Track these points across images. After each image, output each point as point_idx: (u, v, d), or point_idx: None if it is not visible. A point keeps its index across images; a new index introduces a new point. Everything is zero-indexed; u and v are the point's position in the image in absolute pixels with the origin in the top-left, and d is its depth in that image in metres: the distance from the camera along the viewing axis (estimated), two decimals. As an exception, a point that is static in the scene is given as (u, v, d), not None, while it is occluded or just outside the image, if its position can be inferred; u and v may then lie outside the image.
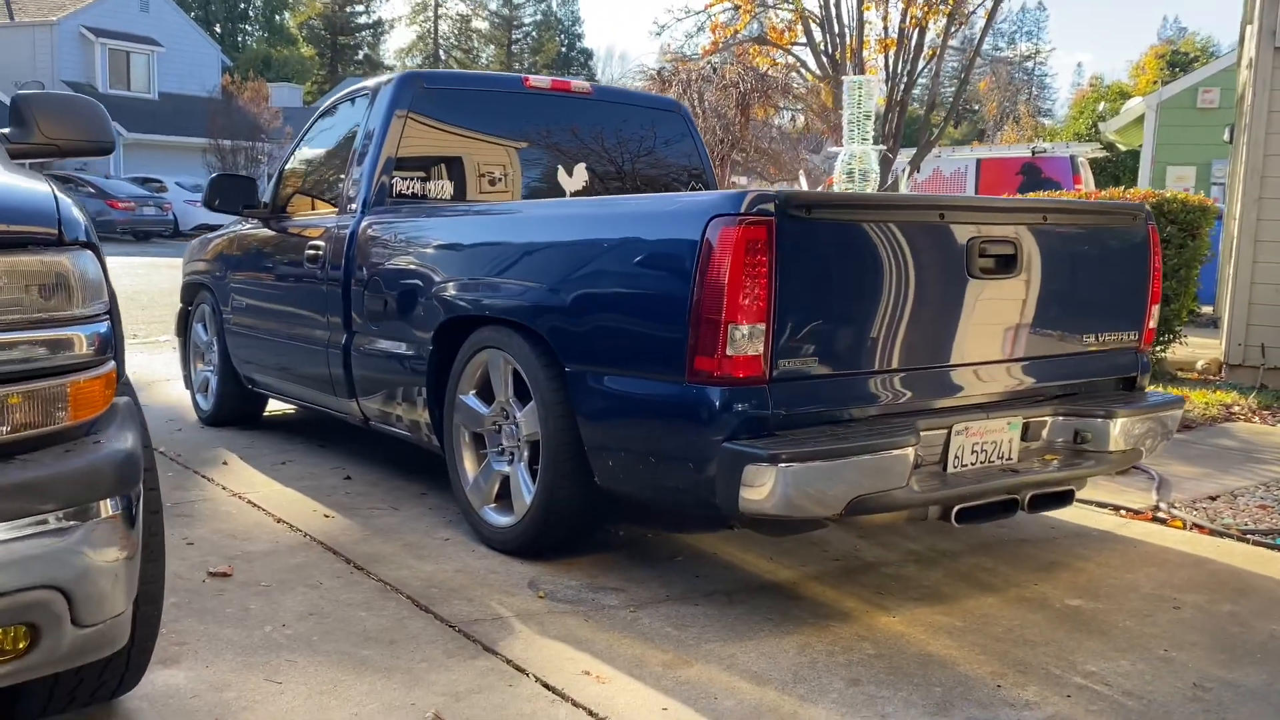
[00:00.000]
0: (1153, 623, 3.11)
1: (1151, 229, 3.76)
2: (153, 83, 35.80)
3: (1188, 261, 8.00)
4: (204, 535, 3.81)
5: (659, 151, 5.31)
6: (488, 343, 3.64)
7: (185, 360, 6.35)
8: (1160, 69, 32.45)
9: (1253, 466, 5.26)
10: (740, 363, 2.82)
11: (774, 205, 2.81)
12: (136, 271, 16.87)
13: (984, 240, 3.20)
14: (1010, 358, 3.40)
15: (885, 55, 14.62)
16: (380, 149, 4.49)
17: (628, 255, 3.14)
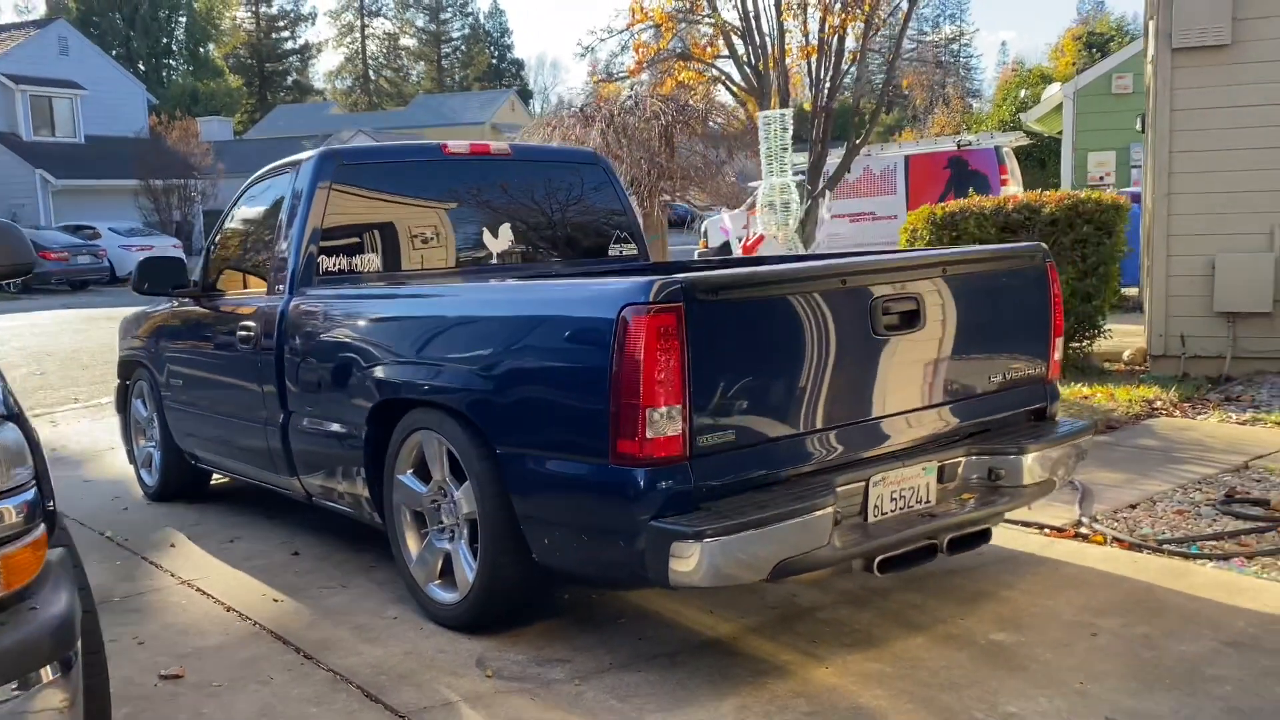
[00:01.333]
0: (1070, 653, 3.28)
1: (1049, 266, 3.94)
2: (78, 126, 35.29)
3: (1105, 259, 8.28)
4: (154, 632, 3.86)
5: (582, 203, 5.42)
6: (421, 424, 3.74)
7: (127, 435, 6.36)
8: (1078, 51, 33.17)
9: (1171, 468, 5.48)
10: (660, 443, 2.94)
11: (682, 291, 2.94)
12: (76, 327, 16.66)
13: (886, 300, 3.35)
14: (922, 405, 3.55)
15: (808, 61, 14.85)
16: (304, 227, 4.56)
17: (548, 342, 3.25)
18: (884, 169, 18.43)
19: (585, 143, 8.50)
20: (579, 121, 8.72)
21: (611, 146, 8.46)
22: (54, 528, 2.15)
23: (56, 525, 2.21)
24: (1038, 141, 22.93)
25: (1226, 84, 7.86)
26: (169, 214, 31.12)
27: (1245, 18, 7.77)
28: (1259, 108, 7.78)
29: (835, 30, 14.75)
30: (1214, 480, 5.21)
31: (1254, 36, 7.77)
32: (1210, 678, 3.06)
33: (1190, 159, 8.03)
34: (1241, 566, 4.08)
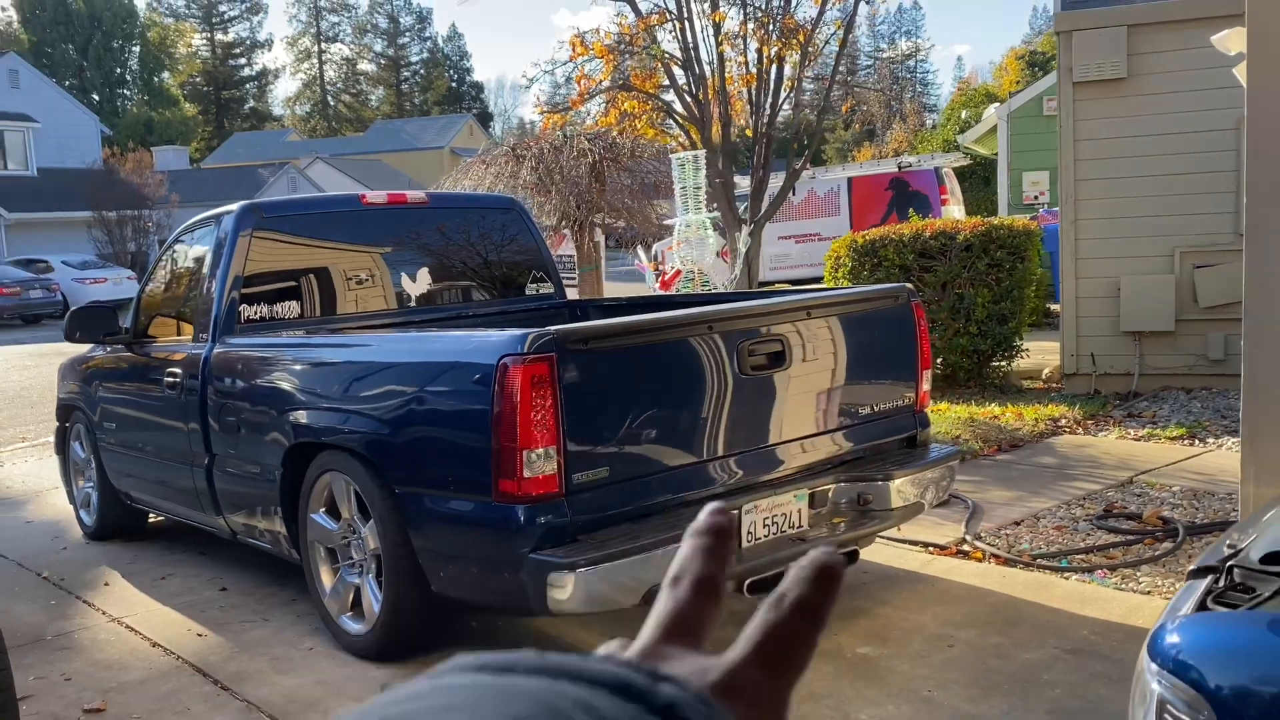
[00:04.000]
0: (926, 663, 3.57)
1: (915, 306, 4.26)
2: (30, 159, 35.16)
3: (1019, 282, 8.65)
4: (81, 669, 4.07)
5: (499, 246, 5.69)
6: (330, 466, 3.99)
7: (66, 476, 6.54)
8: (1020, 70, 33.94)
9: (1061, 485, 5.82)
10: (538, 482, 3.22)
11: (554, 342, 3.22)
12: (25, 364, 16.69)
13: (752, 343, 3.65)
14: (793, 438, 3.85)
15: (748, 89, 15.26)
16: (226, 276, 4.80)
17: (436, 389, 3.52)
18: (828, 191, 18.88)
19: (517, 179, 8.79)
20: (510, 160, 9.00)
21: (543, 183, 8.75)
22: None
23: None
24: (978, 162, 23.50)
25: (1124, 115, 8.29)
26: (123, 245, 31.05)
27: (1140, 52, 8.21)
28: (1155, 137, 8.21)
29: (772, 60, 15.19)
30: (1098, 496, 5.55)
31: (1148, 70, 8.21)
32: (1044, 682, 3.36)
33: (1093, 185, 8.44)
34: (1103, 578, 4.40)
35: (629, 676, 0.35)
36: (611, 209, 8.92)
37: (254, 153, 53.63)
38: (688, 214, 6.68)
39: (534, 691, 0.34)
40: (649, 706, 0.34)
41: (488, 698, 0.33)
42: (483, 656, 0.36)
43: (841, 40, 16.67)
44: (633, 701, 0.34)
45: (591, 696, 0.34)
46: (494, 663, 0.36)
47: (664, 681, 0.36)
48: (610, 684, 0.35)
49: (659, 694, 0.35)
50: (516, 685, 0.34)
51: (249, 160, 49.52)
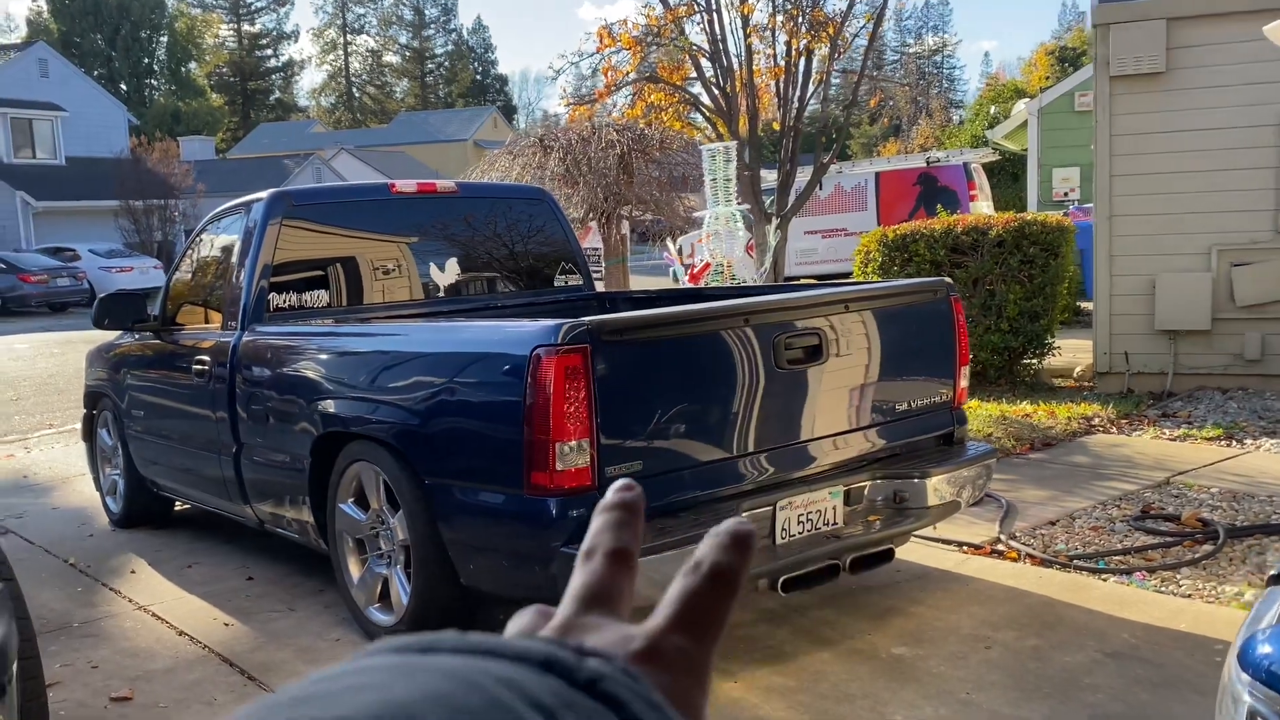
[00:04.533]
0: (963, 665, 3.50)
1: (954, 300, 4.18)
2: (58, 148, 35.39)
3: (1052, 279, 8.54)
4: (107, 656, 4.05)
5: (528, 237, 5.64)
6: (359, 456, 3.95)
7: (93, 463, 6.55)
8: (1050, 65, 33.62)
9: (1096, 484, 5.72)
10: (570, 475, 3.16)
11: (588, 332, 3.16)
12: (52, 351, 16.80)
13: (789, 336, 3.58)
14: (829, 433, 3.78)
15: (776, 82, 15.16)
16: (255, 264, 4.77)
17: (468, 380, 3.48)
18: (855, 185, 18.75)
19: (544, 170, 8.74)
20: (538, 151, 8.95)
21: (570, 174, 8.70)
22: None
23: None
24: (1009, 156, 23.28)
25: (1162, 110, 8.15)
26: (150, 235, 31.22)
27: (1179, 46, 8.07)
28: (1194, 132, 8.06)
29: (801, 53, 15.08)
30: (1134, 496, 5.45)
31: (1188, 64, 8.06)
32: (1085, 686, 3.28)
33: (1130, 182, 8.31)
34: (1142, 580, 4.31)
35: (552, 652, 0.36)
36: (639, 201, 8.85)
37: (279, 143, 53.88)
38: (717, 206, 6.60)
39: (454, 669, 0.34)
40: (573, 681, 0.35)
41: (404, 676, 0.33)
42: (406, 637, 0.37)
43: (871, 34, 16.54)
44: (557, 676, 0.35)
45: (514, 672, 0.34)
46: (416, 643, 0.36)
47: (588, 656, 0.36)
48: (534, 659, 0.35)
49: (583, 668, 0.35)
50: (437, 663, 0.34)
51: (274, 151, 49.75)
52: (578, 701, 0.34)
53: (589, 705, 0.34)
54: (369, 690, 0.32)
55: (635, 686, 0.35)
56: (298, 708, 0.32)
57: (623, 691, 0.35)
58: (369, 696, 0.32)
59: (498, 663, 0.35)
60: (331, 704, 0.32)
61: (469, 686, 0.33)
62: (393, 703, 0.32)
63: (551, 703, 0.33)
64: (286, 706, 0.32)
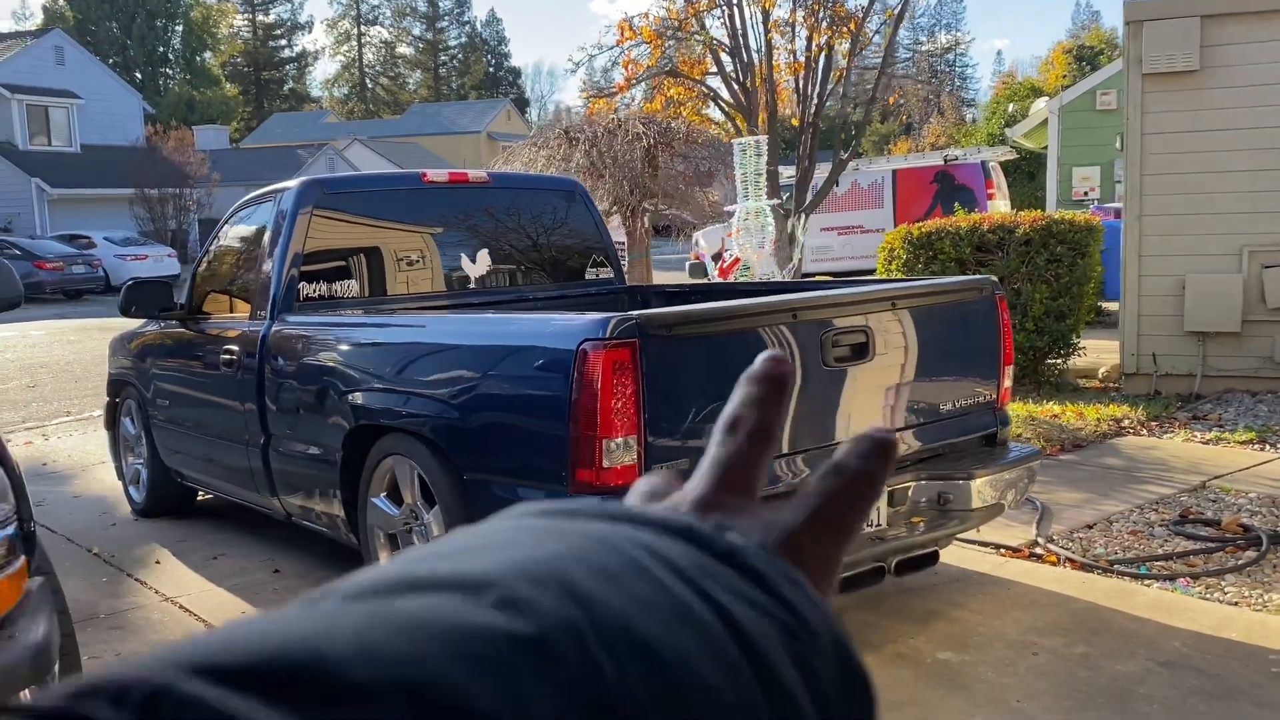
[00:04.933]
0: (1012, 672, 3.43)
1: (999, 298, 4.10)
2: (74, 135, 35.45)
3: (1079, 279, 8.44)
4: (136, 650, 4.00)
5: (559, 229, 5.58)
6: (393, 449, 3.89)
7: (115, 452, 6.51)
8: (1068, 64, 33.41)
9: (1131, 487, 5.64)
10: (617, 472, 3.09)
11: (637, 327, 3.09)
12: (69, 338, 16.79)
13: (836, 333, 3.51)
14: (873, 433, 3.70)
15: (795, 77, 15.06)
16: (286, 253, 4.71)
17: (511, 373, 3.41)
18: (872, 183, 18.65)
19: (570, 162, 8.67)
20: (564, 142, 8.88)
21: (596, 166, 8.62)
22: (34, 557, 2.29)
23: (36, 553, 2.35)
24: (1026, 155, 23.14)
25: (1195, 108, 8.04)
26: (164, 223, 31.26)
27: (1213, 44, 7.96)
28: (1227, 132, 7.96)
29: (821, 49, 14.98)
30: (1171, 500, 5.37)
31: (1222, 62, 7.96)
32: (1140, 697, 3.21)
33: (1161, 181, 8.20)
34: (1186, 586, 4.23)
35: (692, 522, 0.36)
36: (664, 194, 8.77)
37: (292, 133, 53.90)
38: (747, 201, 6.53)
39: (597, 532, 0.35)
40: (712, 551, 0.35)
41: (551, 535, 0.34)
42: (550, 503, 0.37)
43: (891, 30, 16.44)
44: (697, 546, 0.35)
45: (655, 540, 0.35)
46: (558, 508, 0.37)
47: (728, 529, 0.36)
48: (674, 528, 0.36)
49: (722, 540, 0.36)
50: (580, 527, 0.35)
51: (287, 141, 49.78)
52: (717, 571, 0.34)
53: (728, 574, 0.34)
54: (514, 548, 0.33)
55: (774, 561, 0.35)
56: (440, 561, 0.32)
57: (762, 563, 0.35)
58: (514, 553, 0.33)
59: (639, 529, 0.35)
60: (476, 558, 0.33)
61: (609, 549, 0.33)
62: (537, 559, 0.32)
63: (692, 570, 0.34)
64: (428, 559, 0.33)
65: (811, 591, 0.36)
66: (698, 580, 0.33)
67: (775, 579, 0.35)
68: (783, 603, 0.34)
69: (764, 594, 0.34)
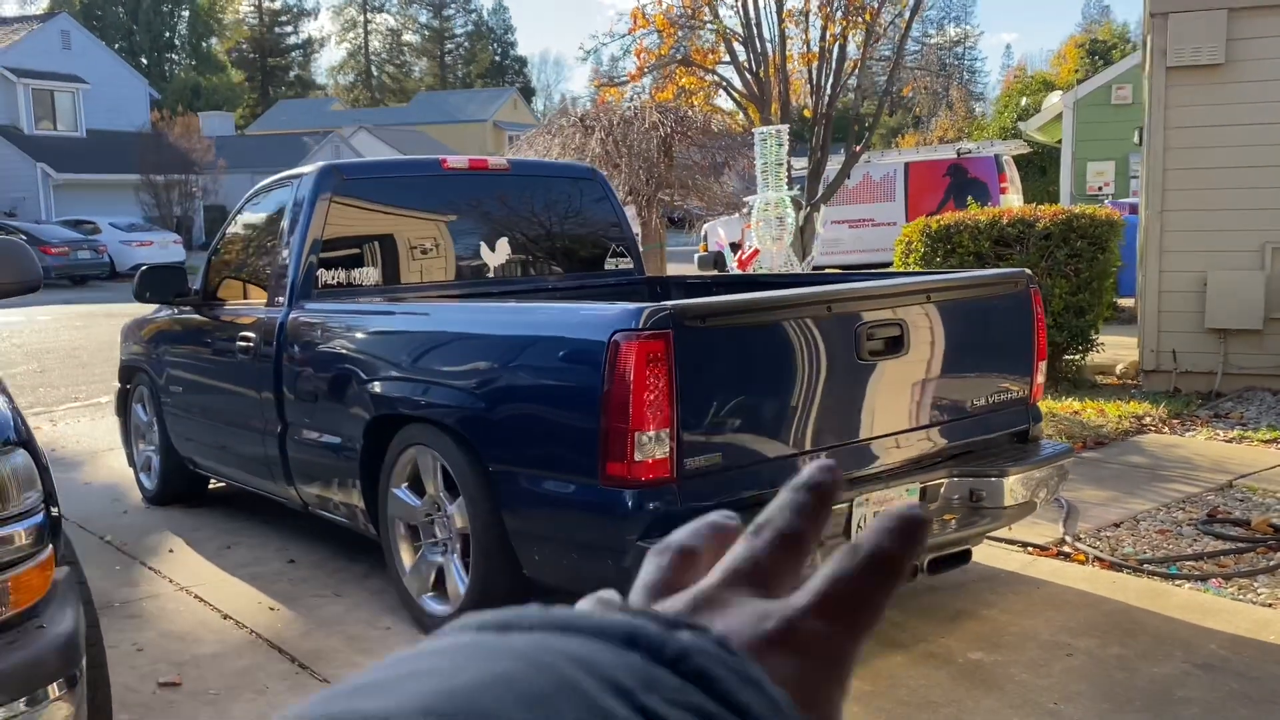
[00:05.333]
0: (1046, 673, 3.36)
1: (1033, 291, 4.02)
2: (79, 120, 35.36)
3: (1099, 274, 8.36)
4: (152, 639, 3.94)
5: (579, 217, 5.50)
6: (416, 439, 3.82)
7: (126, 439, 6.45)
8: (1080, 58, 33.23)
9: (1157, 486, 5.56)
10: (649, 466, 3.02)
11: (671, 317, 3.02)
12: (74, 324, 16.73)
13: (871, 326, 3.44)
14: (905, 428, 3.64)
15: (809, 68, 14.95)
16: (304, 239, 4.63)
17: (541, 364, 3.34)
18: (884, 175, 18.52)
19: (585, 152, 8.57)
20: (579, 130, 8.78)
21: (611, 155, 8.53)
22: (59, 546, 2.23)
23: (61, 542, 2.29)
24: (1038, 149, 23.00)
25: (1220, 103, 7.94)
26: (170, 209, 31.19)
27: (1239, 37, 7.86)
28: (1252, 126, 7.86)
29: (836, 39, 14.86)
30: (1198, 499, 5.29)
31: (1248, 56, 7.86)
32: (1179, 700, 3.14)
33: (1183, 176, 8.11)
34: (1218, 587, 4.16)
35: (637, 625, 0.33)
36: (680, 185, 8.68)
37: (298, 121, 53.77)
38: (767, 191, 6.44)
39: (526, 649, 0.32)
40: (657, 657, 0.32)
41: (475, 657, 0.31)
42: (486, 614, 0.34)
43: (906, 21, 16.32)
44: (642, 651, 0.32)
45: (590, 649, 0.32)
46: (495, 620, 0.34)
47: (681, 629, 0.33)
48: (616, 634, 0.32)
49: (670, 642, 0.32)
50: (511, 643, 0.32)
51: (293, 128, 49.64)
52: (661, 679, 0.31)
53: (673, 683, 0.31)
54: (433, 676, 0.30)
55: (730, 660, 0.32)
56: (355, 699, 0.30)
57: (714, 667, 0.32)
58: (430, 684, 0.30)
59: (576, 639, 0.32)
60: (389, 693, 0.30)
61: (539, 668, 0.31)
62: (452, 691, 0.29)
63: (630, 682, 0.30)
64: (345, 696, 0.30)
65: (773, 691, 0.32)
66: (635, 693, 0.30)
67: (727, 682, 0.31)
68: (733, 707, 0.31)
69: (712, 700, 0.31)
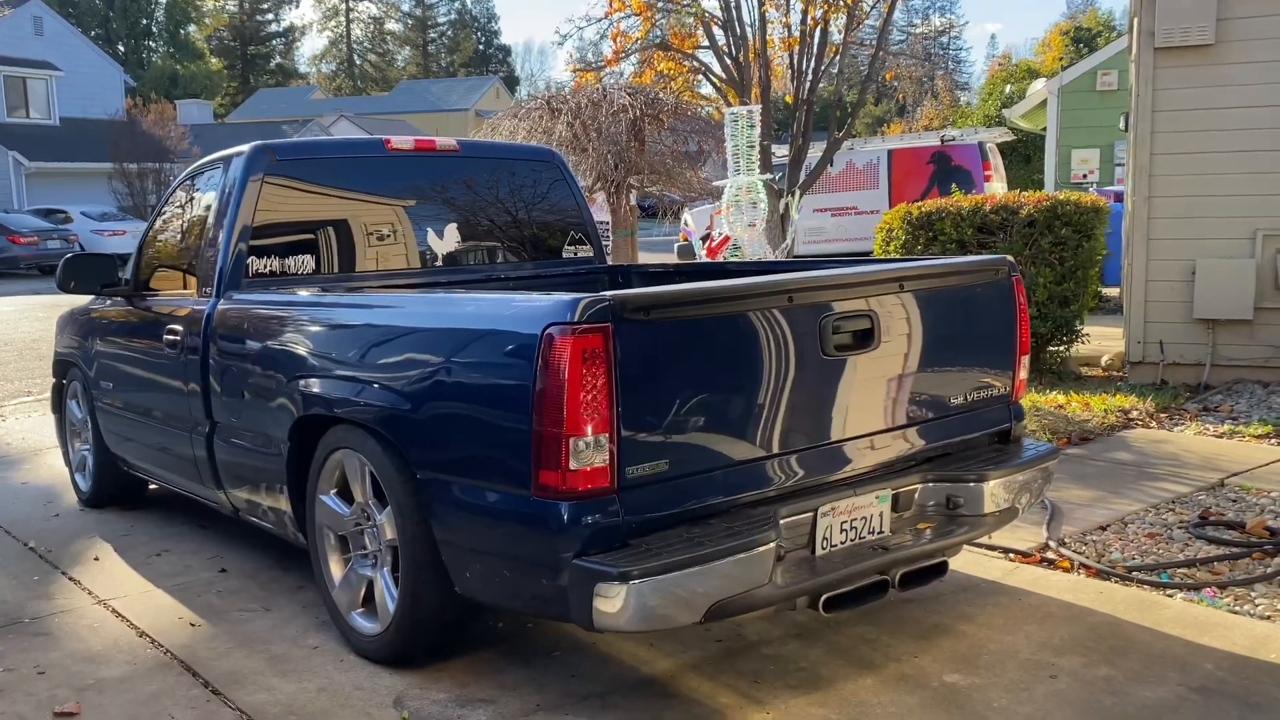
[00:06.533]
0: (1028, 698, 3.06)
1: (1015, 280, 3.72)
2: (52, 108, 34.75)
3: (1084, 263, 8.08)
4: (58, 660, 3.61)
5: (535, 202, 5.17)
6: (342, 442, 3.49)
7: (62, 437, 6.11)
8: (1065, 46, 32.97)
9: (1145, 485, 5.28)
10: (585, 475, 2.71)
11: (610, 309, 2.70)
12: (38, 314, 16.32)
13: (837, 317, 3.12)
14: (876, 430, 3.33)
15: (790, 53, 14.62)
16: (234, 226, 4.30)
17: (469, 361, 3.01)
18: (867, 163, 18.23)
19: (552, 134, 8.24)
20: (546, 113, 8.44)
21: (579, 139, 8.20)
22: None
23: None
24: (1022, 137, 22.74)
25: (1210, 85, 7.66)
26: (144, 198, 30.63)
27: (1230, 17, 7.57)
28: (1242, 109, 7.58)
29: (817, 23, 14.52)
30: (1188, 500, 5.01)
31: (1238, 36, 7.57)
32: (1175, 731, 2.85)
33: (1172, 161, 7.83)
34: (1213, 597, 3.87)
35: None
36: (651, 171, 8.35)
37: (278, 109, 53.16)
38: (739, 175, 6.13)
39: None
40: None
41: None
42: None
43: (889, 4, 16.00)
44: None
45: None
46: None
47: None
48: None
49: None
50: None
51: (273, 117, 49.05)
52: None
53: None
54: None
55: None
56: None
57: None
58: None
59: None
60: None
61: None
62: None
63: None
64: None
65: None
66: None
67: None
68: None
69: None
